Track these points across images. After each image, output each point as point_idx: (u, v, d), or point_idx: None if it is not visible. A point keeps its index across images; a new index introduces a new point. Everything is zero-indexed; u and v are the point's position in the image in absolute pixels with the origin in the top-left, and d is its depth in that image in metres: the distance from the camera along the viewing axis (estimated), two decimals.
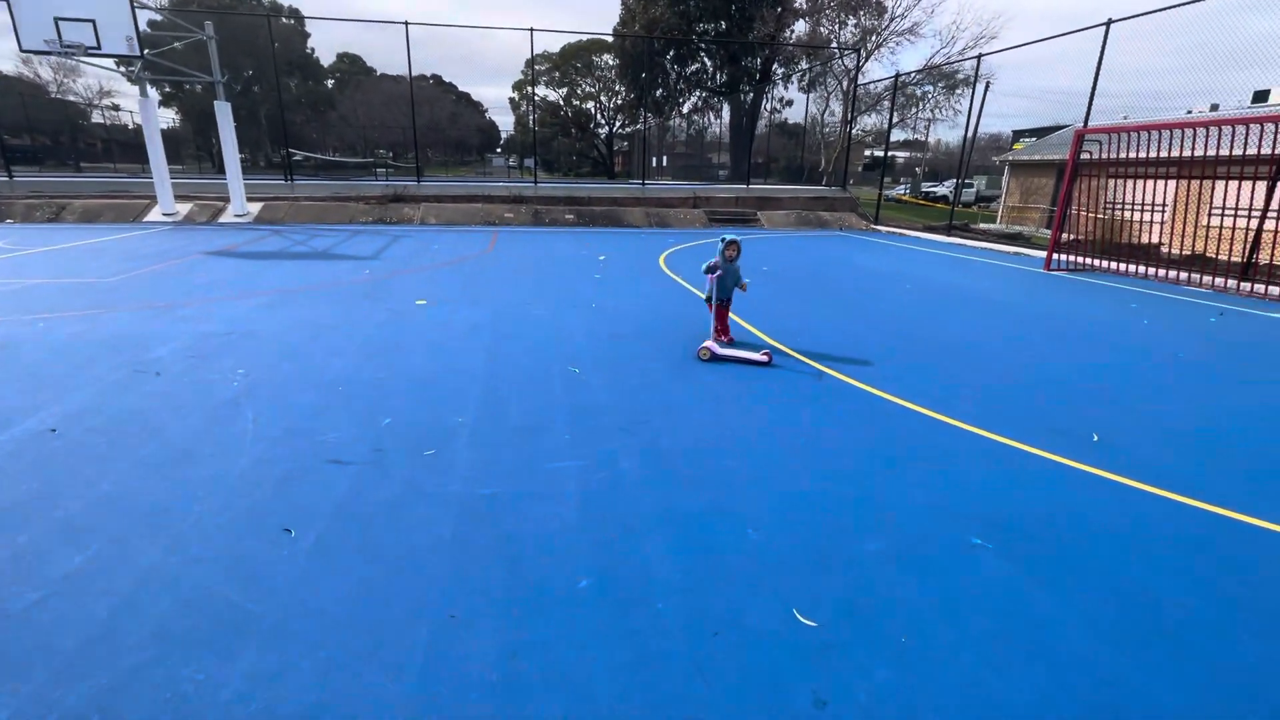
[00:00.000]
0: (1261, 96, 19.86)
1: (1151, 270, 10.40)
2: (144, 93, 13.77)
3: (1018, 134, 36.95)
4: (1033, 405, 4.26)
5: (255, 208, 15.49)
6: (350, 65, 55.75)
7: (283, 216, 15.31)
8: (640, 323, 6.29)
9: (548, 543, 2.50)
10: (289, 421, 3.62)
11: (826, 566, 2.41)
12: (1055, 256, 11.07)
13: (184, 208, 15.10)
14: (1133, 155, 10.14)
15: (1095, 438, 3.73)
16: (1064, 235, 11.16)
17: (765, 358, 4.95)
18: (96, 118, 43.05)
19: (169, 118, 46.28)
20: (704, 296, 5.31)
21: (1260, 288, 8.98)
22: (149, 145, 13.92)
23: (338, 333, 5.55)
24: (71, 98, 41.74)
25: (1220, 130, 8.79)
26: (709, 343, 5.05)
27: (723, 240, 5.11)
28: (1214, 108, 19.88)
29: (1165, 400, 4.46)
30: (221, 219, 14.84)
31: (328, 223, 15.14)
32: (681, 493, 2.95)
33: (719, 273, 5.06)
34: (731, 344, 5.31)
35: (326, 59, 53.77)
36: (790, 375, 4.75)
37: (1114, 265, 10.86)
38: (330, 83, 54.59)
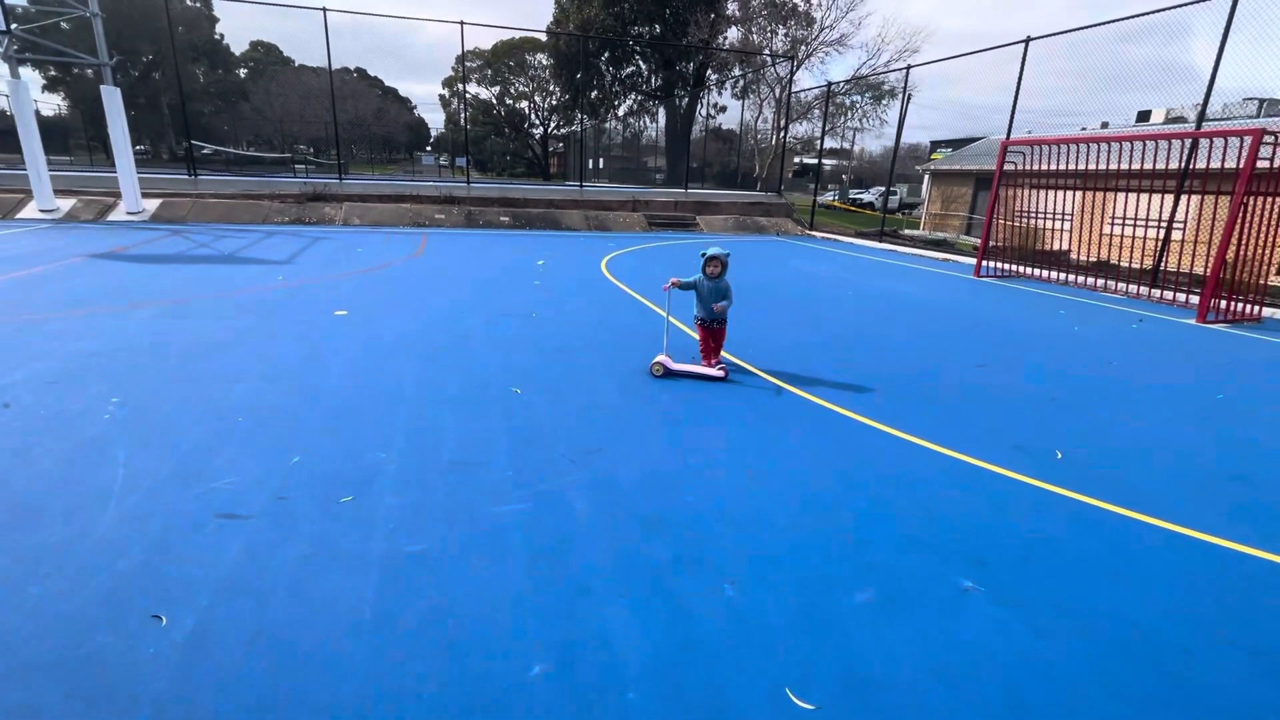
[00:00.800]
0: (1144, 116, 21.59)
1: (1070, 276, 10.91)
2: (14, 74, 12.19)
3: (935, 144, 38.92)
4: (989, 419, 4.17)
5: (152, 205, 14.05)
6: (265, 54, 52.42)
7: (185, 215, 13.95)
8: (585, 334, 5.91)
9: (490, 616, 2.10)
10: (172, 463, 3.04)
11: (816, 627, 2.12)
12: (984, 263, 11.45)
13: (66, 203, 13.51)
14: (1048, 168, 10.60)
15: (1058, 455, 3.64)
16: (990, 242, 11.55)
17: (721, 372, 4.68)
18: None
19: (55, 104, 42.10)
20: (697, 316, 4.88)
21: (1169, 294, 9.53)
22: (21, 133, 12.33)
23: (242, 350, 4.88)
24: None
25: (1132, 145, 9.27)
26: (661, 357, 4.74)
27: (702, 255, 4.65)
28: (1104, 125, 21.41)
29: (1112, 411, 4.48)
30: (111, 217, 13.36)
31: (237, 222, 13.91)
32: (644, 539, 2.60)
33: (669, 290, 4.70)
34: (714, 364, 4.79)
35: (239, 47, 50.29)
36: (747, 391, 4.50)
37: (1036, 272, 11.33)
38: (243, 72, 51.14)
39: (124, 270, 7.95)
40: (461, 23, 17.40)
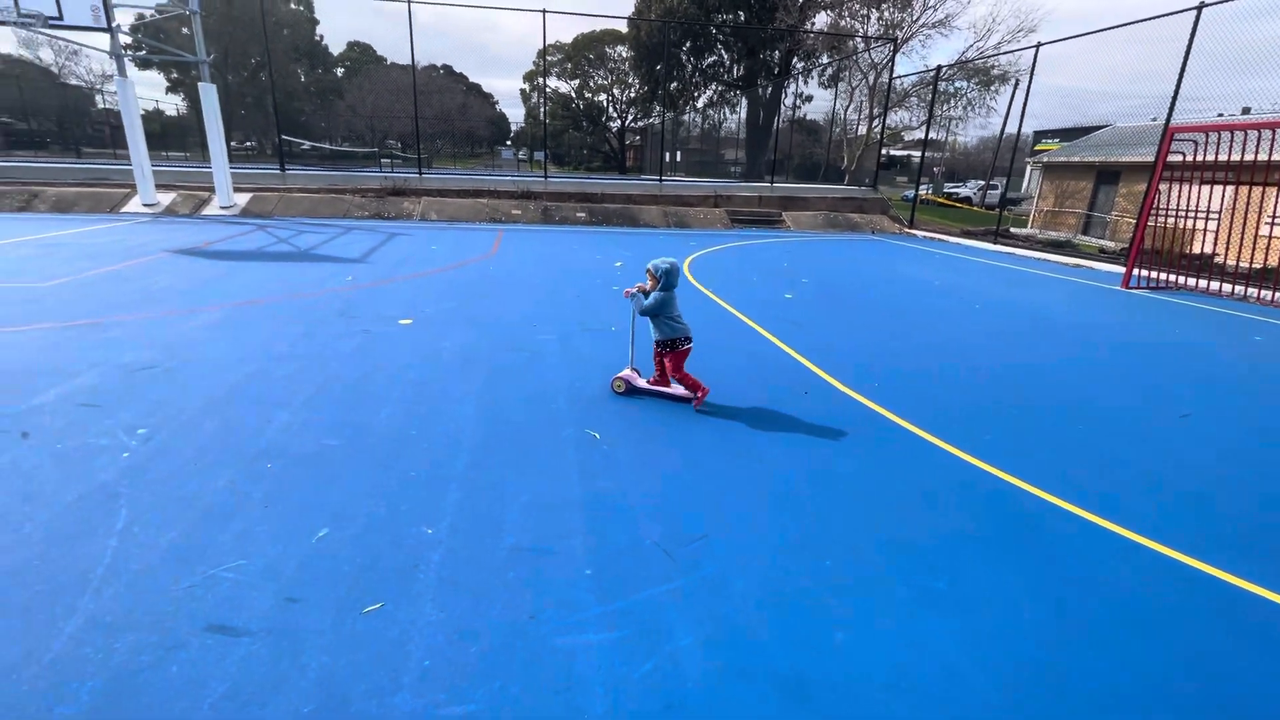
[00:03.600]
0: None
1: (1248, 290, 9.08)
2: (122, 72, 12.62)
3: (1039, 134, 35.35)
4: (1236, 509, 3.03)
5: (243, 199, 14.36)
6: (360, 54, 54.64)
7: (271, 209, 14.17)
8: None
9: None
10: (176, 532, 2.45)
11: None
12: (1135, 272, 9.76)
13: (166, 198, 13.99)
14: (1213, 159, 8.81)
15: None
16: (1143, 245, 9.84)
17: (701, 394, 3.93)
18: (103, 102, 41.90)
19: (174, 104, 45.32)
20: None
21: None
22: (128, 130, 12.80)
23: (291, 367, 4.37)
24: (74, 81, 40.61)
25: None
26: (627, 371, 4.19)
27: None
28: (1245, 111, 18.42)
29: None
30: (205, 211, 13.72)
31: (320, 217, 13.99)
32: (785, 717, 1.74)
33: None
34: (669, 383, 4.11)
35: (336, 47, 52.76)
36: (880, 442, 3.53)
37: (1201, 283, 9.54)
38: (340, 71, 53.53)
39: (202, 268, 7.81)
40: (544, 11, 16.91)
